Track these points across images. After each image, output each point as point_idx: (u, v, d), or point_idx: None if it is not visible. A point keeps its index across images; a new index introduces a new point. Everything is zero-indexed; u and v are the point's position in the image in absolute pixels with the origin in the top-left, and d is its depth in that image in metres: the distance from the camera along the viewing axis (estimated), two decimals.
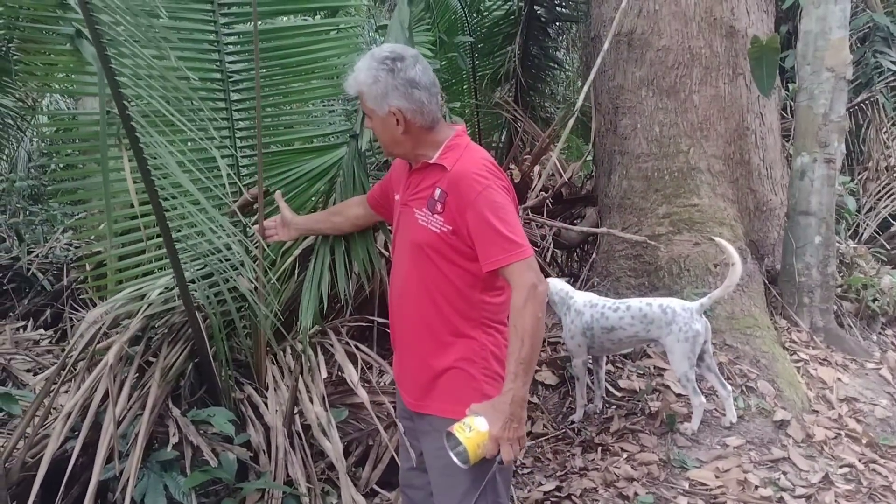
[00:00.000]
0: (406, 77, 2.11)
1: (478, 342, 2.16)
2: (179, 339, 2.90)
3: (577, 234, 5.18)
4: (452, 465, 2.03)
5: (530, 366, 2.02)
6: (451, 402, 2.15)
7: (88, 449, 2.53)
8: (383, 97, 2.12)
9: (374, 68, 2.12)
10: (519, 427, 2.00)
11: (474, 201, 2.04)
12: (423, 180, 2.19)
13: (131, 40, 2.37)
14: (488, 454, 1.99)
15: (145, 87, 2.46)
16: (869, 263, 5.42)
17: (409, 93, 2.11)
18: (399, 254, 2.29)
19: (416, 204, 2.17)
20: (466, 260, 2.11)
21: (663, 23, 4.82)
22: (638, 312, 3.56)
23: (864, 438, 3.76)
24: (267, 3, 3.16)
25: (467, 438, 1.96)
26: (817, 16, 4.75)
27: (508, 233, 2.02)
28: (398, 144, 2.22)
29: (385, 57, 2.12)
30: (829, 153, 4.73)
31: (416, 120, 2.14)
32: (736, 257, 3.54)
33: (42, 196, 7.56)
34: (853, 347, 4.63)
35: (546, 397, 4.01)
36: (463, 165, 2.10)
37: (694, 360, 3.50)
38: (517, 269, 2.02)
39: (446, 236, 2.10)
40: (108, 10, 2.25)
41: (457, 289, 2.14)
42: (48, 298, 5.88)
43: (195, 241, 2.83)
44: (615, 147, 5.03)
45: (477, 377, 2.16)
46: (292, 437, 2.83)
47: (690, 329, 3.46)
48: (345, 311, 3.60)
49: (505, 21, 6.93)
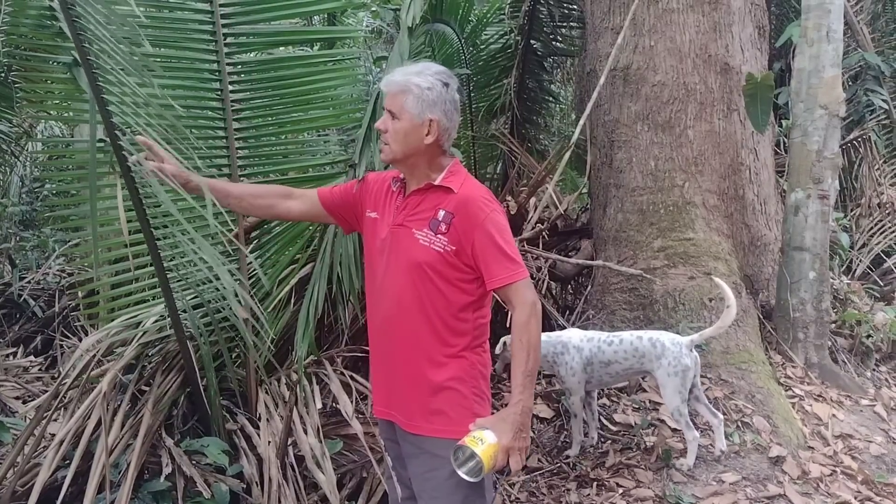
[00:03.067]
0: (454, 97, 2.23)
1: (468, 361, 2.22)
2: (173, 367, 2.88)
3: (572, 267, 5.18)
4: (442, 484, 2.11)
5: (534, 377, 2.16)
6: (443, 423, 2.18)
7: (79, 478, 2.50)
8: (431, 105, 2.19)
9: (430, 77, 2.21)
10: (526, 437, 2.10)
11: (483, 222, 2.14)
12: (422, 201, 2.24)
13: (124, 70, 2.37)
14: (498, 465, 2.05)
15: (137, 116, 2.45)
16: (862, 300, 5.43)
17: (451, 112, 2.23)
18: (390, 273, 2.27)
19: (416, 225, 2.21)
20: (463, 281, 2.19)
21: (659, 59, 4.88)
22: (629, 346, 3.57)
23: (859, 476, 3.74)
24: (266, 35, 3.20)
25: (483, 451, 2.00)
26: (811, 54, 4.81)
27: (512, 253, 2.15)
28: (412, 154, 2.24)
29: (441, 72, 2.24)
30: (822, 189, 4.76)
31: (442, 138, 2.23)
32: (732, 299, 3.55)
33: (34, 222, 7.54)
34: (848, 384, 4.62)
35: (541, 431, 3.98)
36: (469, 189, 2.20)
37: (685, 395, 3.49)
38: (520, 287, 2.14)
39: (449, 256, 2.17)
40: (102, 40, 2.26)
41: (452, 308, 2.20)
42: (39, 325, 5.84)
43: (187, 271, 2.82)
44: (611, 180, 5.06)
45: (468, 396, 2.21)
46: (285, 469, 2.80)
47: (680, 363, 3.46)
48: (340, 340, 3.58)
49: (502, 54, 6.99)
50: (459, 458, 2.03)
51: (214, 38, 2.98)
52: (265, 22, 3.18)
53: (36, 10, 2.56)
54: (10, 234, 7.22)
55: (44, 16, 2.56)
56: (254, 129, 3.13)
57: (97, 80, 2.31)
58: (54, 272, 6.47)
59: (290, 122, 3.31)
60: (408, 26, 3.00)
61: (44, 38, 2.64)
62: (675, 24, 4.87)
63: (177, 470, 2.61)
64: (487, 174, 7.23)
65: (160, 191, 2.37)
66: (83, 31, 2.26)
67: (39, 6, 2.57)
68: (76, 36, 2.23)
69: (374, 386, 2.42)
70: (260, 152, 3.25)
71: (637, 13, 4.88)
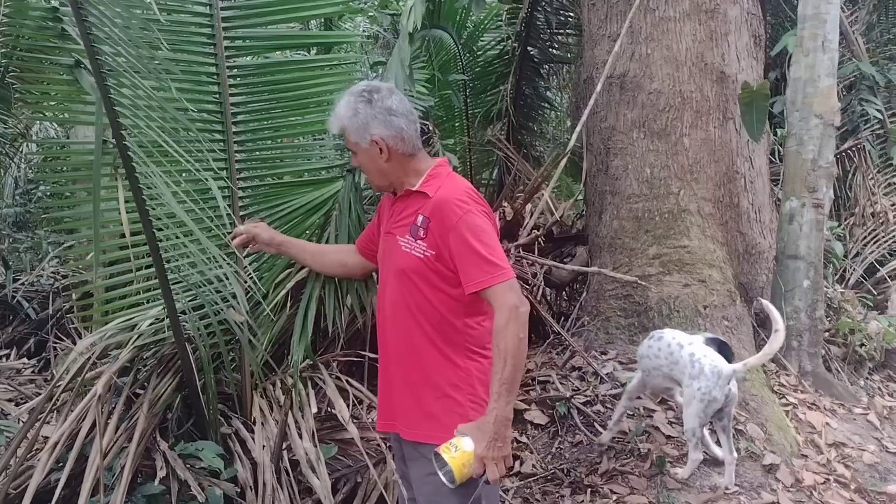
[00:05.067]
0: (383, 106, 2.21)
1: (462, 368, 2.20)
2: (169, 370, 2.87)
3: (567, 273, 5.19)
4: (440, 489, 2.07)
5: (513, 385, 2.06)
6: (438, 429, 2.17)
7: (72, 481, 2.49)
8: (365, 128, 2.21)
9: (352, 102, 2.23)
10: (503, 446, 2.04)
11: (455, 225, 2.10)
12: (405, 208, 2.25)
13: (131, 71, 2.39)
14: (474, 474, 2.02)
15: (144, 118, 2.47)
16: (856, 308, 5.44)
17: (388, 120, 2.20)
18: (385, 282, 2.32)
19: (400, 231, 2.23)
20: (449, 285, 2.17)
21: (655, 66, 4.90)
22: (666, 348, 3.50)
23: (852, 484, 3.75)
24: (264, 39, 3.20)
25: (452, 458, 2.00)
26: (806, 64, 4.83)
27: (489, 255, 2.09)
28: (384, 175, 2.29)
29: (361, 90, 2.24)
30: (817, 198, 4.78)
31: (398, 147, 2.23)
32: (780, 323, 3.43)
33: (28, 223, 7.52)
34: (841, 392, 4.63)
35: (535, 437, 3.98)
36: (444, 192, 2.17)
37: (706, 421, 3.42)
38: (499, 290, 2.07)
39: (429, 261, 2.16)
40: (111, 42, 2.26)
41: (440, 314, 2.19)
42: (32, 327, 5.82)
43: (187, 273, 2.82)
44: (606, 187, 5.07)
45: (463, 403, 2.19)
46: (280, 474, 2.80)
47: (710, 394, 3.33)
48: (336, 344, 3.57)
49: (499, 61, 7.00)
50: (439, 462, 2.05)
51: (213, 41, 2.98)
52: (263, 26, 3.18)
53: (38, 12, 2.56)
54: (3, 236, 7.20)
55: (45, 17, 2.56)
56: (251, 132, 3.13)
57: (105, 81, 2.32)
58: (48, 274, 6.45)
59: (287, 126, 3.31)
60: (409, 32, 3.01)
61: (43, 39, 2.63)
62: (671, 33, 4.89)
63: (171, 473, 2.60)
64: (483, 180, 7.24)
65: (166, 192, 2.37)
66: (92, 32, 2.26)
67: (41, 7, 2.56)
68: (86, 37, 2.23)
69: (379, 395, 2.43)
70: (256, 156, 3.25)
71: (634, 21, 4.90)
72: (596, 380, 4.27)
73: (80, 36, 2.27)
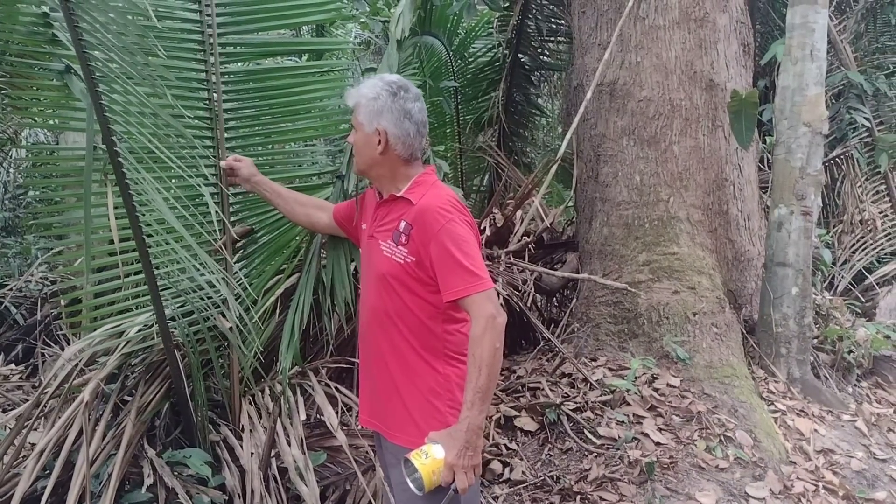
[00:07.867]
0: (403, 106, 2.23)
1: (441, 374, 2.21)
2: (157, 377, 2.86)
3: (557, 280, 5.19)
4: (416, 496, 2.07)
5: (487, 395, 2.07)
6: (415, 435, 2.19)
7: (59, 489, 2.47)
8: (377, 114, 2.23)
9: (378, 87, 2.24)
10: (474, 455, 2.05)
11: (437, 233, 2.11)
12: (389, 213, 2.27)
13: (122, 77, 2.39)
14: (443, 482, 2.02)
15: (135, 124, 2.47)
16: (844, 315, 5.48)
17: (401, 121, 2.23)
18: (367, 284, 2.34)
19: (382, 236, 2.25)
20: (428, 292, 2.18)
21: (645, 74, 4.92)
22: None
23: (840, 491, 3.76)
24: (255, 45, 3.20)
25: (423, 465, 2.00)
26: (795, 72, 4.86)
27: (469, 265, 2.10)
28: (372, 166, 2.30)
29: (393, 82, 2.26)
30: (805, 206, 4.80)
31: (397, 147, 2.24)
32: None
33: (17, 228, 7.48)
34: (829, 399, 4.65)
35: (525, 443, 3.98)
36: (428, 200, 2.19)
37: None
38: (477, 300, 2.08)
39: (409, 267, 2.17)
40: (102, 47, 2.26)
41: (419, 320, 2.20)
42: (20, 333, 5.78)
43: (176, 279, 2.82)
44: (596, 194, 5.09)
45: (441, 409, 2.20)
46: (268, 481, 2.79)
47: None
48: (325, 351, 3.57)
49: (490, 67, 7.02)
50: (409, 468, 2.05)
51: (203, 47, 2.98)
52: (255, 32, 3.18)
53: (28, 17, 2.55)
54: None
55: (36, 23, 2.55)
56: (241, 138, 3.13)
57: (96, 87, 2.32)
58: (37, 280, 6.41)
59: (278, 132, 3.31)
60: (397, 39, 3.02)
61: (34, 44, 2.62)
62: (661, 41, 4.91)
63: (158, 481, 2.59)
64: (474, 186, 7.25)
65: (157, 197, 2.37)
66: (83, 38, 2.26)
67: (32, 13, 2.56)
68: (77, 42, 2.23)
69: (360, 395, 2.45)
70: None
71: (624, 29, 4.93)
72: (586, 386, 4.27)
73: (72, 42, 2.27)
